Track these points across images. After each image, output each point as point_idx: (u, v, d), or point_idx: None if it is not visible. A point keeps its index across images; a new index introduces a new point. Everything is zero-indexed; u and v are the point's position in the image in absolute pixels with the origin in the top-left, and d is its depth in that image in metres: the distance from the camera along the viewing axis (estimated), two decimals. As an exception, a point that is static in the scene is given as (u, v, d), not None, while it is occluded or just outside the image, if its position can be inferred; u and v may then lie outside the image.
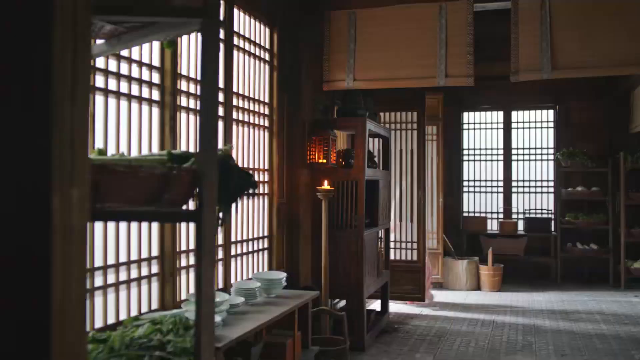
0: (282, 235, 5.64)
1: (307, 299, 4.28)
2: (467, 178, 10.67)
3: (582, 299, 8.43)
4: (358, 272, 5.80)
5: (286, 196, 5.68)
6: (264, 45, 5.30)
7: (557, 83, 9.69)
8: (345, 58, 5.71)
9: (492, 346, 6.04)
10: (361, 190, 5.81)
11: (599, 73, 5.29)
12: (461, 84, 5.41)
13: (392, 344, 6.08)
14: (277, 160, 5.46)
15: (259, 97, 5.22)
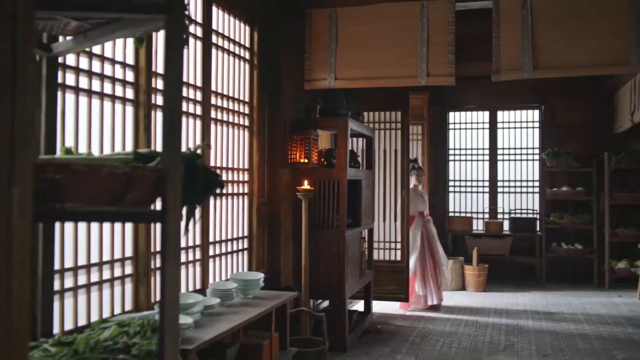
0: (263, 235, 5.60)
1: (285, 299, 4.24)
2: (453, 178, 10.66)
3: (566, 299, 8.43)
4: (340, 273, 5.76)
5: (267, 196, 5.64)
6: (244, 44, 5.25)
7: (543, 83, 9.74)
8: (326, 57, 5.67)
9: (474, 346, 6.02)
10: (343, 190, 5.78)
11: (579, 73, 5.28)
12: (443, 83, 5.38)
13: (374, 345, 6.05)
14: (258, 160, 5.41)
15: (239, 96, 5.17)
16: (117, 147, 3.57)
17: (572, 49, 5.11)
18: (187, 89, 4.30)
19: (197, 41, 4.45)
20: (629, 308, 7.79)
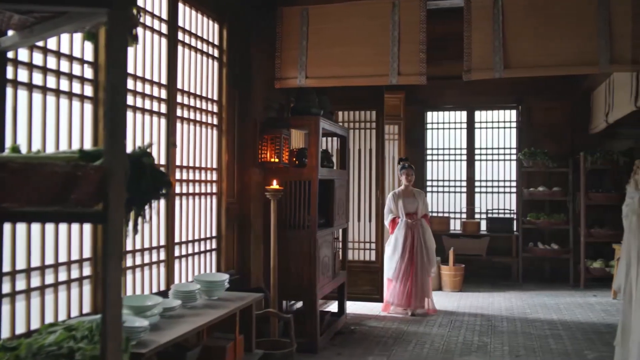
0: (233, 236, 5.53)
1: (250, 301, 4.17)
2: (431, 178, 10.63)
3: (542, 299, 8.43)
4: (311, 273, 5.70)
5: (237, 196, 5.57)
6: (212, 42, 5.17)
7: (520, 83, 9.77)
8: (297, 55, 5.62)
9: (447, 347, 5.98)
10: (314, 190, 5.72)
11: (550, 72, 5.27)
12: (414, 82, 5.34)
13: (347, 346, 6.00)
14: (227, 159, 5.34)
15: (208, 94, 5.09)
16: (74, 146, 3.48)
17: (543, 49, 5.09)
18: (152, 86, 4.22)
19: (162, 38, 4.36)
20: (602, 308, 7.80)
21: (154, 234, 4.25)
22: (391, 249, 7.44)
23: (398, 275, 7.34)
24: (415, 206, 7.54)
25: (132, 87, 3.97)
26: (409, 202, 7.54)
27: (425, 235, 7.52)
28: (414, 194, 7.65)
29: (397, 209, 7.46)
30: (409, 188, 7.64)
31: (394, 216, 7.47)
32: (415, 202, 7.56)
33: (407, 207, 7.51)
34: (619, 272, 4.14)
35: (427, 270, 7.46)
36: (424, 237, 7.50)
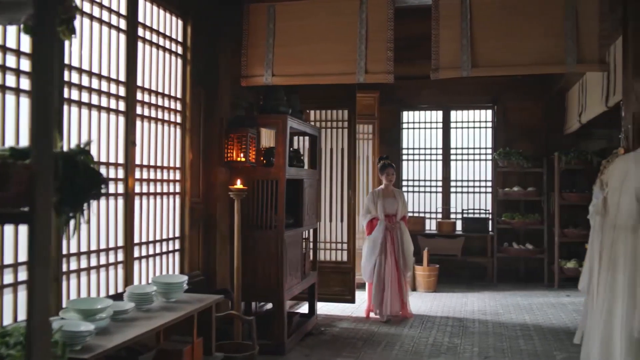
0: (198, 236, 5.43)
1: (209, 303, 4.08)
2: (407, 177, 10.58)
3: (515, 299, 8.41)
4: (278, 274, 5.62)
5: (202, 195, 5.47)
6: (176, 39, 5.07)
7: (496, 83, 9.77)
8: (263, 53, 5.53)
9: (416, 349, 5.93)
10: (281, 190, 5.64)
11: (517, 72, 5.24)
12: (381, 80, 5.27)
13: (315, 348, 5.92)
14: (192, 158, 5.24)
15: (170, 92, 4.99)
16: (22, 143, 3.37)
17: (511, 48, 5.05)
18: (109, 83, 4.12)
19: (120, 34, 4.26)
20: (575, 308, 7.79)
21: (111, 234, 4.15)
22: (368, 251, 7.17)
23: (376, 279, 7.12)
24: (396, 207, 7.26)
25: (86, 84, 3.86)
26: (389, 203, 7.26)
27: (404, 238, 7.27)
28: (394, 194, 7.39)
29: (376, 210, 7.20)
30: (390, 188, 7.39)
31: (372, 216, 7.21)
32: (396, 202, 7.29)
33: (387, 208, 7.24)
34: (584, 272, 4.11)
35: (404, 274, 7.23)
36: (402, 240, 7.24)
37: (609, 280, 3.71)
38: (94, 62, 3.97)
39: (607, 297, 3.71)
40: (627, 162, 3.78)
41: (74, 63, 3.76)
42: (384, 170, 7.39)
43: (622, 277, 3.61)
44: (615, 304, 3.64)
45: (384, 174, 7.38)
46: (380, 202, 7.19)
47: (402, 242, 7.22)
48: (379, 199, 7.21)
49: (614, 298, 3.65)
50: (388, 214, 7.21)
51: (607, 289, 3.72)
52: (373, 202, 7.22)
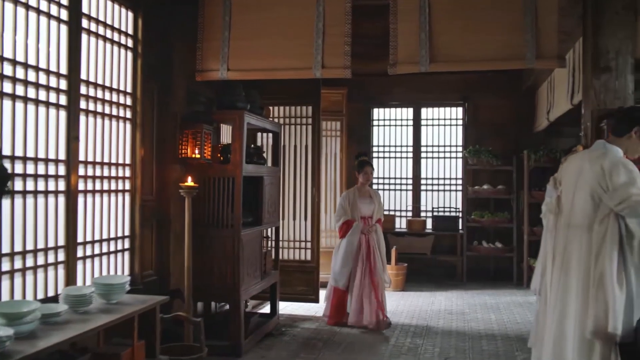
0: (151, 235, 5.28)
1: (151, 304, 3.93)
2: (377, 175, 10.46)
3: (483, 299, 8.34)
4: (235, 274, 5.48)
5: (155, 193, 5.32)
6: (125, 31, 4.91)
7: (467, 81, 9.70)
8: (219, 46, 5.38)
9: (377, 350, 5.82)
10: (238, 187, 5.49)
11: (476, 67, 5.13)
12: (338, 75, 5.15)
13: (273, 349, 5.79)
14: (143, 155, 5.09)
15: (120, 86, 4.83)
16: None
17: (470, 43, 4.95)
18: (48, 76, 3.96)
19: (61, 25, 4.09)
20: (541, 307, 7.72)
21: (50, 233, 3.99)
22: (344, 256, 6.68)
23: (351, 287, 6.67)
24: (372, 209, 6.81)
25: (21, 77, 3.70)
26: (365, 204, 6.81)
27: (380, 242, 6.84)
28: (371, 194, 6.91)
29: (351, 211, 6.74)
30: (366, 188, 6.91)
31: (347, 219, 6.74)
32: (372, 204, 6.83)
33: (363, 210, 6.77)
34: (536, 272, 4.02)
35: (381, 281, 6.75)
36: (378, 244, 6.82)
37: (562, 280, 3.62)
38: (31, 54, 3.80)
39: (560, 298, 3.62)
40: (581, 160, 3.69)
41: (8, 55, 3.59)
42: (362, 169, 6.89)
43: (575, 277, 3.52)
44: (568, 305, 3.55)
45: (362, 172, 6.88)
46: (355, 203, 6.74)
47: (378, 245, 6.81)
48: (354, 200, 6.76)
49: (567, 299, 3.56)
50: (364, 216, 6.78)
51: (560, 290, 3.63)
52: (348, 202, 6.78)
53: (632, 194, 3.25)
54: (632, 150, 3.62)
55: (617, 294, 3.24)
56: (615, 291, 3.24)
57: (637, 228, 3.26)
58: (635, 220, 3.27)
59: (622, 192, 3.27)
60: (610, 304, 3.25)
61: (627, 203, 3.25)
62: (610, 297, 3.25)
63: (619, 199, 3.28)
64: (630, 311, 3.27)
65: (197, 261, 5.53)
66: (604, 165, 3.43)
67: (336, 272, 6.72)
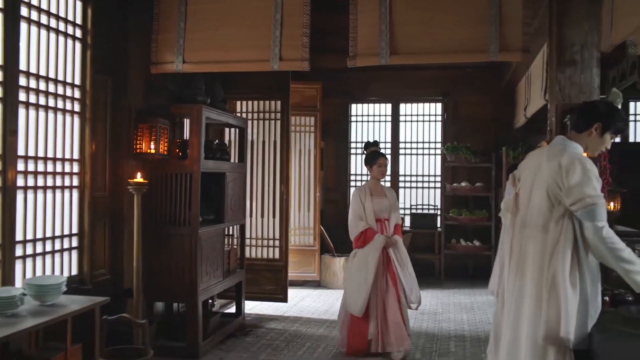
0: (104, 233, 5.11)
1: (88, 306, 3.75)
2: (354, 172, 10.30)
3: (458, 298, 8.19)
4: (192, 273, 5.30)
5: (108, 189, 5.14)
6: (73, 21, 4.72)
7: (446, 76, 9.55)
8: (174, 38, 5.19)
9: (339, 351, 5.65)
10: (195, 184, 5.32)
11: (438, 60, 4.96)
12: (296, 68, 4.97)
13: (234, 350, 5.62)
14: (94, 150, 4.91)
15: (66, 78, 4.64)
16: None
17: (432, 35, 4.78)
18: (-18, 67, 3.77)
19: (-3, 13, 3.91)
20: (516, 307, 7.57)
21: (-18, 231, 3.81)
22: (358, 275, 5.42)
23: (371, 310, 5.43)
24: (388, 209, 5.58)
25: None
26: (380, 204, 5.57)
27: (403, 256, 5.60)
28: (385, 192, 5.69)
29: (366, 214, 5.50)
30: (379, 184, 5.71)
31: (366, 226, 5.45)
32: (387, 203, 5.60)
33: (378, 211, 5.54)
34: (493, 273, 3.82)
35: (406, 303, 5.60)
36: (402, 258, 5.59)
37: (518, 282, 3.44)
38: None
39: (515, 301, 3.43)
40: (540, 157, 3.50)
41: None
42: (375, 161, 5.65)
43: (530, 279, 3.34)
44: (523, 308, 3.36)
45: (374, 164, 5.65)
46: (368, 203, 5.52)
47: (402, 263, 5.57)
48: (367, 199, 5.53)
49: (522, 302, 3.37)
50: (379, 218, 5.54)
51: (515, 292, 3.45)
52: (361, 203, 5.54)
53: (586, 194, 3.07)
54: (592, 148, 3.42)
55: (570, 297, 3.07)
56: (567, 294, 3.07)
57: (592, 233, 3.07)
58: (590, 224, 3.09)
59: (577, 192, 3.09)
60: (562, 308, 3.07)
61: (581, 204, 3.08)
62: (563, 300, 3.08)
63: (573, 199, 3.10)
64: (584, 316, 3.09)
65: (154, 260, 5.38)
66: (561, 163, 3.24)
67: (349, 297, 5.46)
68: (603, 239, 3.01)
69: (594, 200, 3.05)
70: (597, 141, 3.36)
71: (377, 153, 5.73)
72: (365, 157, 5.79)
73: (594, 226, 3.03)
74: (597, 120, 3.31)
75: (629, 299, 3.62)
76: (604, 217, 3.06)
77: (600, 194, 3.08)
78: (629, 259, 3.02)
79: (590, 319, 3.14)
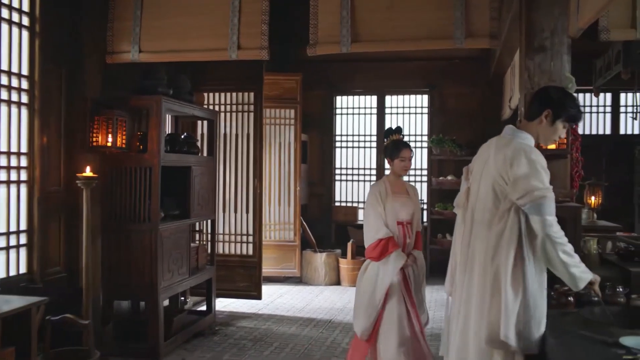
0: (59, 229, 4.93)
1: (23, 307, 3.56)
2: (340, 166, 10.09)
3: (441, 294, 8.00)
4: (152, 270, 5.12)
5: (64, 184, 4.95)
6: (19, 8, 4.52)
7: (433, 67, 9.32)
8: (130, 26, 4.99)
9: (308, 351, 5.47)
10: (155, 178, 5.12)
11: (402, 47, 4.73)
12: (254, 57, 4.77)
13: (197, 350, 5.44)
14: (45, 143, 4.72)
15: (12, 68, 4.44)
16: None
17: (395, 21, 4.56)
18: None
19: None
20: (498, 304, 7.36)
21: None
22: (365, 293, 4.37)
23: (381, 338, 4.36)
24: (411, 211, 4.43)
25: None
26: (403, 204, 4.41)
27: (422, 272, 4.54)
28: (407, 190, 4.55)
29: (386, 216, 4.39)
30: (401, 180, 4.57)
31: (387, 234, 4.29)
32: (411, 203, 4.46)
33: (400, 212, 4.40)
34: (448, 273, 3.60)
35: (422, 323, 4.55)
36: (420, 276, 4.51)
37: (467, 282, 3.22)
38: None
39: (463, 302, 3.22)
40: (489, 148, 3.28)
41: None
42: (398, 152, 4.47)
43: (476, 279, 3.13)
44: (471, 310, 3.15)
45: (397, 157, 4.47)
46: (389, 203, 4.41)
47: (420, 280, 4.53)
48: (387, 199, 4.43)
49: (470, 303, 3.16)
50: (400, 221, 4.41)
51: (464, 293, 3.23)
52: (381, 203, 4.42)
53: (534, 187, 2.84)
54: (544, 137, 3.16)
55: (510, 298, 2.85)
56: (508, 295, 2.86)
57: (540, 227, 2.84)
58: (538, 218, 2.85)
59: (523, 185, 2.86)
60: (502, 309, 2.86)
61: (529, 197, 2.85)
62: (503, 301, 2.87)
63: (520, 192, 2.87)
64: (528, 319, 2.87)
65: (114, 257, 5.23)
66: (506, 154, 3.01)
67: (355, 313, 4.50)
68: (551, 234, 2.79)
69: (543, 193, 2.82)
70: (548, 130, 3.11)
71: (400, 143, 4.55)
72: (385, 148, 4.63)
73: (543, 220, 2.80)
74: (548, 106, 3.07)
75: (595, 299, 3.38)
76: (553, 210, 2.84)
77: (549, 187, 2.86)
78: (570, 253, 2.80)
79: (534, 322, 2.91)
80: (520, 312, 2.86)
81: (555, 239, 2.77)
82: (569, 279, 2.84)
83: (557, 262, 2.79)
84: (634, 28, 4.25)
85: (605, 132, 9.45)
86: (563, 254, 2.78)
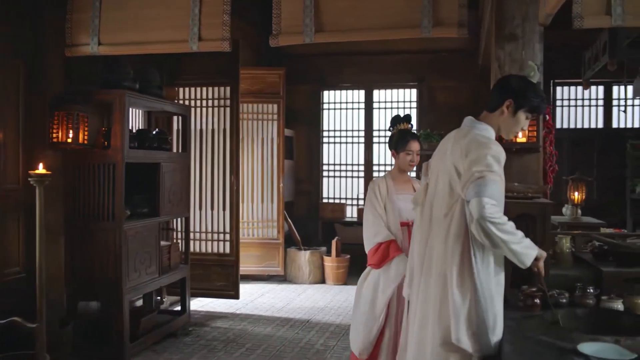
0: (18, 227, 4.76)
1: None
2: (327, 162, 9.90)
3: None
4: (117, 270, 4.96)
5: (22, 181, 4.78)
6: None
7: (422, 60, 9.14)
8: (89, 18, 4.81)
9: (280, 352, 5.30)
10: (119, 175, 4.96)
11: (368, 37, 4.52)
12: (216, 48, 4.58)
13: (166, 352, 5.28)
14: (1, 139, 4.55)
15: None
16: None
17: (361, 10, 4.36)
18: None
19: None
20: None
21: None
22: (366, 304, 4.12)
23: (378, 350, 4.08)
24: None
25: None
26: (408, 203, 3.82)
27: None
28: (414, 186, 4.19)
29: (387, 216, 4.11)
30: (406, 176, 4.24)
31: (387, 237, 4.06)
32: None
33: (404, 212, 4.05)
34: (407, 277, 3.39)
35: None
36: None
37: (423, 283, 3.02)
38: None
39: (420, 305, 3.03)
40: (447, 142, 3.10)
41: None
42: (404, 144, 4.14)
43: (433, 279, 2.94)
44: (428, 312, 2.96)
45: (402, 149, 4.14)
46: (391, 201, 4.11)
47: None
48: (389, 197, 4.12)
49: (427, 305, 2.96)
50: (405, 222, 4.07)
51: (421, 295, 3.04)
52: (380, 200, 4.14)
53: (474, 171, 2.62)
54: (505, 129, 2.96)
55: (457, 299, 2.67)
56: (454, 296, 2.68)
57: (475, 209, 2.57)
58: (475, 200, 2.55)
59: (466, 174, 2.66)
60: (451, 311, 2.68)
61: (468, 180, 2.63)
62: (451, 302, 2.69)
63: (463, 182, 2.67)
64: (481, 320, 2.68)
65: (77, 257, 5.08)
66: (462, 145, 2.83)
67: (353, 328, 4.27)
68: (486, 215, 2.50)
69: (482, 173, 2.59)
70: (510, 121, 2.92)
71: (407, 133, 4.18)
72: (390, 138, 4.27)
73: (479, 201, 2.53)
74: (509, 96, 2.88)
75: (563, 301, 3.20)
76: (494, 194, 2.58)
77: (493, 170, 2.61)
78: (510, 231, 2.55)
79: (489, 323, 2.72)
80: (472, 313, 2.67)
81: (491, 219, 2.50)
82: (512, 256, 2.62)
83: (498, 241, 2.53)
84: (609, 15, 4.03)
85: (597, 125, 9.22)
86: (501, 232, 2.52)
